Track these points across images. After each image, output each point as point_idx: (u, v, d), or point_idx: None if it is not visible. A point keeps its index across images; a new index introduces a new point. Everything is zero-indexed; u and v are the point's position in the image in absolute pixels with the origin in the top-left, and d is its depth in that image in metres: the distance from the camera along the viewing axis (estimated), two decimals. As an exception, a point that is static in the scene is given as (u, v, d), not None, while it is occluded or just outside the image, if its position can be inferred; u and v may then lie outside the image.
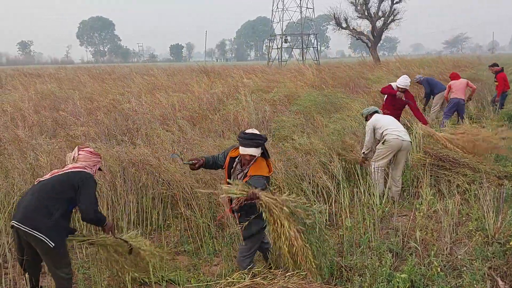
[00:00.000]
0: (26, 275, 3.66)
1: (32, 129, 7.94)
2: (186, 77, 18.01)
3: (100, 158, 3.99)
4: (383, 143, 6.17)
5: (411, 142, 6.36)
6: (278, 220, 3.32)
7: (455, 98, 9.94)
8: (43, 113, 9.61)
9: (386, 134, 6.14)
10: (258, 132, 3.74)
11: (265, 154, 3.74)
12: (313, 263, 3.33)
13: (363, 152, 6.51)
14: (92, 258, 4.33)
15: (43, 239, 3.38)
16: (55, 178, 3.64)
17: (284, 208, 3.28)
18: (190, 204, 5.46)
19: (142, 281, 3.97)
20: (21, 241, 3.53)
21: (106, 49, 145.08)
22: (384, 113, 7.12)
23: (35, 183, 3.69)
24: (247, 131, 3.74)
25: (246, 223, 3.59)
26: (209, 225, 5.30)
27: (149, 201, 5.66)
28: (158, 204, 5.65)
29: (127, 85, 14.90)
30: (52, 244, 3.41)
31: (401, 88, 7.64)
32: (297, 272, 3.25)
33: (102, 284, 4.00)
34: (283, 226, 3.29)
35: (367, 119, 6.68)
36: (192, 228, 5.23)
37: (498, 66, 12.12)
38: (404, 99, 7.69)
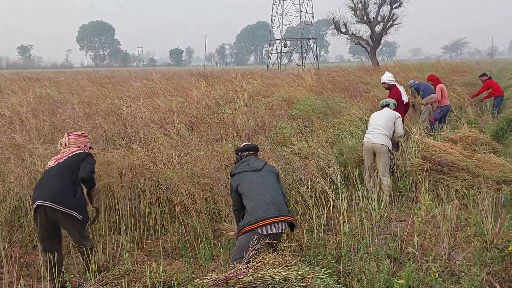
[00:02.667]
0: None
1: (30, 133, 7.92)
2: (185, 81, 18.01)
3: (88, 138, 4.66)
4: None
5: (383, 144, 6.35)
6: None
7: (448, 105, 9.93)
8: (41, 117, 9.59)
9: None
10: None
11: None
12: None
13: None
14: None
15: (73, 214, 4.05)
16: (66, 162, 4.27)
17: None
18: (188, 209, 5.44)
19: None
20: (46, 220, 4.07)
21: (106, 53, 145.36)
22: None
23: (47, 168, 4.28)
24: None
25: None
26: (206, 230, 5.28)
27: (146, 205, 5.64)
28: (155, 209, 5.63)
29: (126, 89, 14.90)
30: (80, 217, 4.10)
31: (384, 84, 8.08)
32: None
33: None
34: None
35: None
36: (190, 233, 5.21)
37: (486, 75, 12.89)
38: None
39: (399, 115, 6.87)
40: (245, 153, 4.42)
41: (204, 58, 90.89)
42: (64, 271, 4.21)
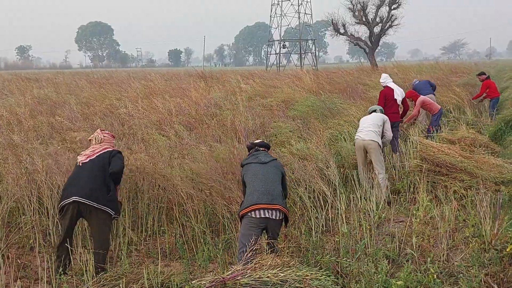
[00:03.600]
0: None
1: (27, 134, 7.90)
2: (183, 82, 18.00)
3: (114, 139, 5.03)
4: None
5: (373, 140, 6.61)
6: None
7: (440, 108, 9.82)
8: (39, 118, 9.57)
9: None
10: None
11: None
12: None
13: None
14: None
15: (107, 210, 4.26)
16: (100, 159, 4.46)
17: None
18: (186, 210, 5.43)
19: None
20: (76, 217, 4.27)
21: (104, 54, 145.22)
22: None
23: (79, 164, 4.44)
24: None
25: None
26: (204, 231, 5.27)
27: (144, 206, 5.62)
28: (153, 209, 5.62)
29: (124, 90, 14.87)
30: (112, 213, 4.34)
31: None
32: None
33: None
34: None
35: None
36: (188, 234, 5.20)
37: (484, 74, 12.67)
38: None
39: (387, 118, 7.17)
40: (261, 149, 4.76)
41: (203, 58, 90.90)
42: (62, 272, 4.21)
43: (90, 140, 4.82)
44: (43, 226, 5.29)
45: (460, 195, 5.79)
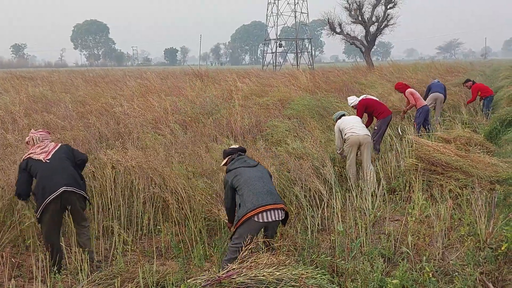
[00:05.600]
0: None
1: (22, 132, 7.85)
2: (179, 80, 17.96)
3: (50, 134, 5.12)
4: (345, 142, 7.04)
5: (368, 135, 7.08)
6: None
7: (424, 105, 9.82)
8: (34, 117, 9.51)
9: (345, 134, 7.04)
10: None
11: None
12: None
13: (337, 152, 7.36)
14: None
15: (84, 195, 4.55)
16: (61, 152, 4.65)
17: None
18: (182, 209, 5.41)
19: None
20: (60, 209, 4.38)
21: (100, 53, 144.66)
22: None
23: (44, 161, 4.49)
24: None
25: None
26: (200, 230, 5.26)
27: (140, 205, 5.60)
28: (149, 208, 5.60)
29: (120, 89, 14.82)
30: (88, 196, 4.67)
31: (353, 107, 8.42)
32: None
33: None
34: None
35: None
36: (184, 233, 5.18)
37: (470, 80, 12.91)
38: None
39: None
40: (236, 155, 4.55)
41: (199, 57, 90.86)
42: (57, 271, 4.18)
43: (27, 142, 4.83)
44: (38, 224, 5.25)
45: (456, 194, 5.81)
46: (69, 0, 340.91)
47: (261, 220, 3.97)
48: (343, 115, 7.49)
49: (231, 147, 4.77)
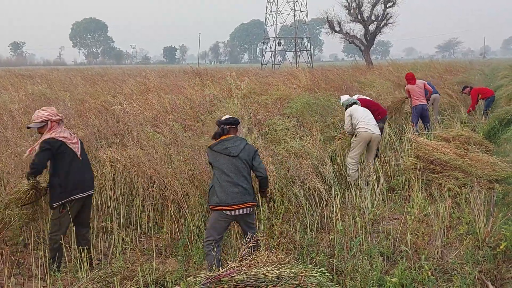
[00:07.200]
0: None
1: (21, 130, 7.84)
2: (178, 79, 17.94)
3: None
4: (355, 136, 6.98)
5: (379, 135, 7.16)
6: None
7: (418, 104, 9.87)
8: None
9: (358, 127, 6.96)
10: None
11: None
12: None
13: (345, 130, 7.38)
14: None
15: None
16: (82, 146, 4.61)
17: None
18: (181, 207, 5.41)
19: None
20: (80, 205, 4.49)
21: (99, 51, 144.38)
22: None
23: (79, 157, 4.47)
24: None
25: None
26: (199, 228, 5.26)
27: (139, 203, 5.61)
28: (148, 206, 5.60)
29: (119, 87, 14.81)
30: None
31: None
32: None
33: None
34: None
35: (346, 108, 7.42)
36: (183, 231, 5.19)
37: (468, 87, 12.66)
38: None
39: None
40: (227, 127, 4.41)
41: (198, 56, 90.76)
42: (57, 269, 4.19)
43: (61, 120, 4.49)
44: (37, 222, 5.25)
45: (454, 193, 5.82)
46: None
47: (228, 213, 4.17)
48: (355, 103, 7.39)
49: (224, 117, 4.54)
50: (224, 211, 4.17)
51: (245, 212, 4.23)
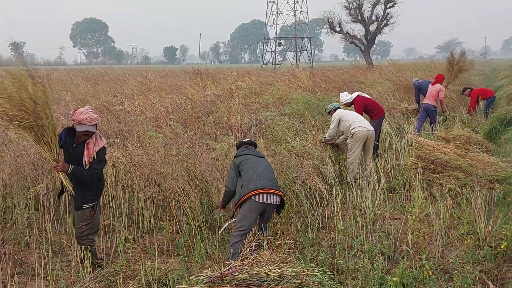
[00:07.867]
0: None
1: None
2: (179, 79, 17.96)
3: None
4: (351, 136, 6.96)
5: (374, 131, 7.17)
6: None
7: (424, 103, 9.92)
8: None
9: (353, 128, 6.96)
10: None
11: None
12: None
13: (324, 137, 7.40)
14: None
15: None
16: None
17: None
18: (182, 207, 5.43)
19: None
20: None
21: (99, 51, 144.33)
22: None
23: None
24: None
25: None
26: (201, 227, 5.28)
27: (140, 203, 5.62)
28: (150, 206, 5.62)
29: (120, 87, 14.83)
30: None
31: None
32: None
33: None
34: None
35: (330, 113, 7.49)
36: (184, 231, 5.21)
37: (468, 88, 12.64)
38: None
39: None
40: (250, 146, 5.01)
41: (198, 56, 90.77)
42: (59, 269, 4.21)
43: (90, 120, 4.28)
44: (39, 222, 5.28)
45: (455, 193, 5.84)
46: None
47: (260, 201, 4.31)
48: (339, 107, 7.47)
49: (243, 140, 5.24)
50: (258, 197, 4.31)
51: (275, 202, 4.41)
